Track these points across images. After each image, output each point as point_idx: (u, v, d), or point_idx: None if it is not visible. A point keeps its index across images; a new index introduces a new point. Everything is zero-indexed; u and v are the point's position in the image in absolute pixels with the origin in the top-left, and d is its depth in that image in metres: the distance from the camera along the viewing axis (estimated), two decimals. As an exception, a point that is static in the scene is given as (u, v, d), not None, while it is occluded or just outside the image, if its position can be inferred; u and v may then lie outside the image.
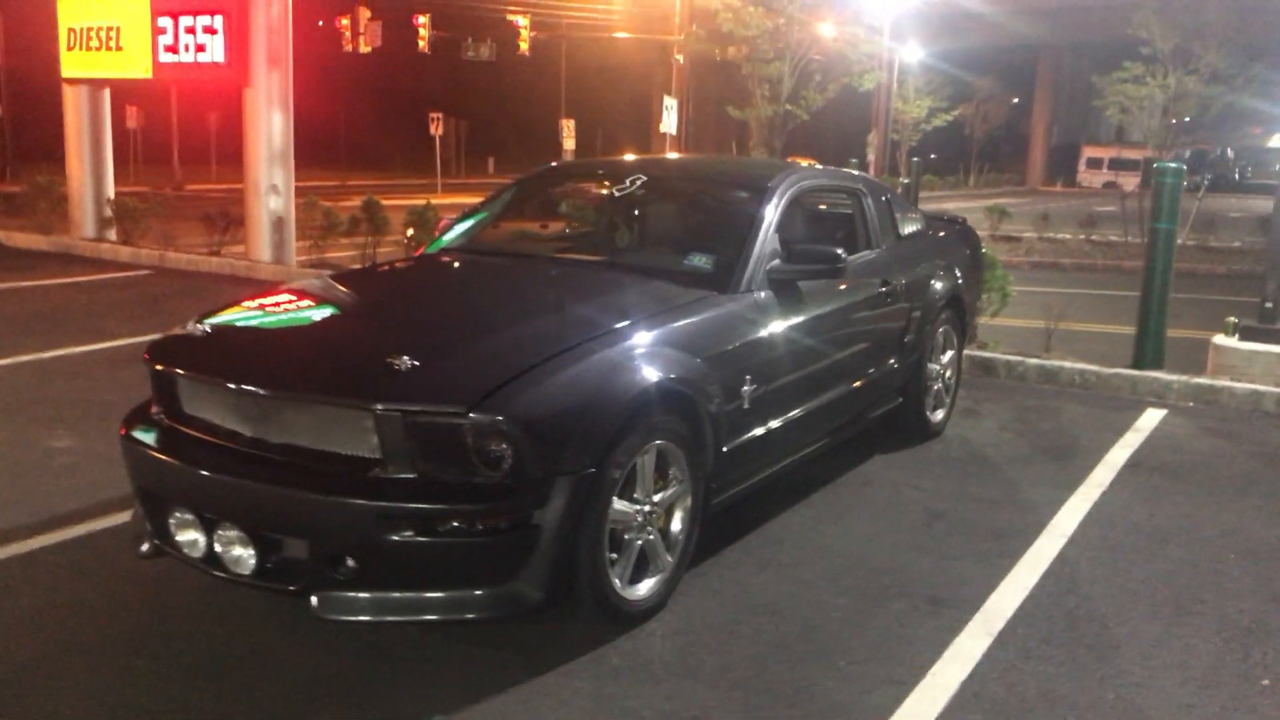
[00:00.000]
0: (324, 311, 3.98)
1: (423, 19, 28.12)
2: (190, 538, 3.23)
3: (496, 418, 2.96)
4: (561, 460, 3.05)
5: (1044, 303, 8.40)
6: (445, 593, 3.04)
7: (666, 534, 3.54)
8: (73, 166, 12.78)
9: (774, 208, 4.37)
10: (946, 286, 5.52)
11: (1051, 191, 44.11)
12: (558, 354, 3.25)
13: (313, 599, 3.00)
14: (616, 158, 5.96)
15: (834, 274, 4.28)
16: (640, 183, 4.92)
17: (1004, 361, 7.12)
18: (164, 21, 11.18)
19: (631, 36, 33.56)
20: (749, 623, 3.49)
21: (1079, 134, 53.92)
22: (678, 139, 21.29)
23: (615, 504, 3.24)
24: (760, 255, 4.15)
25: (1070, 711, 3.02)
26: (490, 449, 2.98)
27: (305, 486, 3.00)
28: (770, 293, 4.11)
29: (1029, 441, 5.70)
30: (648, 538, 3.43)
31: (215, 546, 3.16)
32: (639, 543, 3.40)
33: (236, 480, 3.10)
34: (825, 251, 4.24)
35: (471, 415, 2.95)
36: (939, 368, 5.60)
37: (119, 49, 11.71)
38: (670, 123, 20.05)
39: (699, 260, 4.23)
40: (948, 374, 5.73)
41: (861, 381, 4.84)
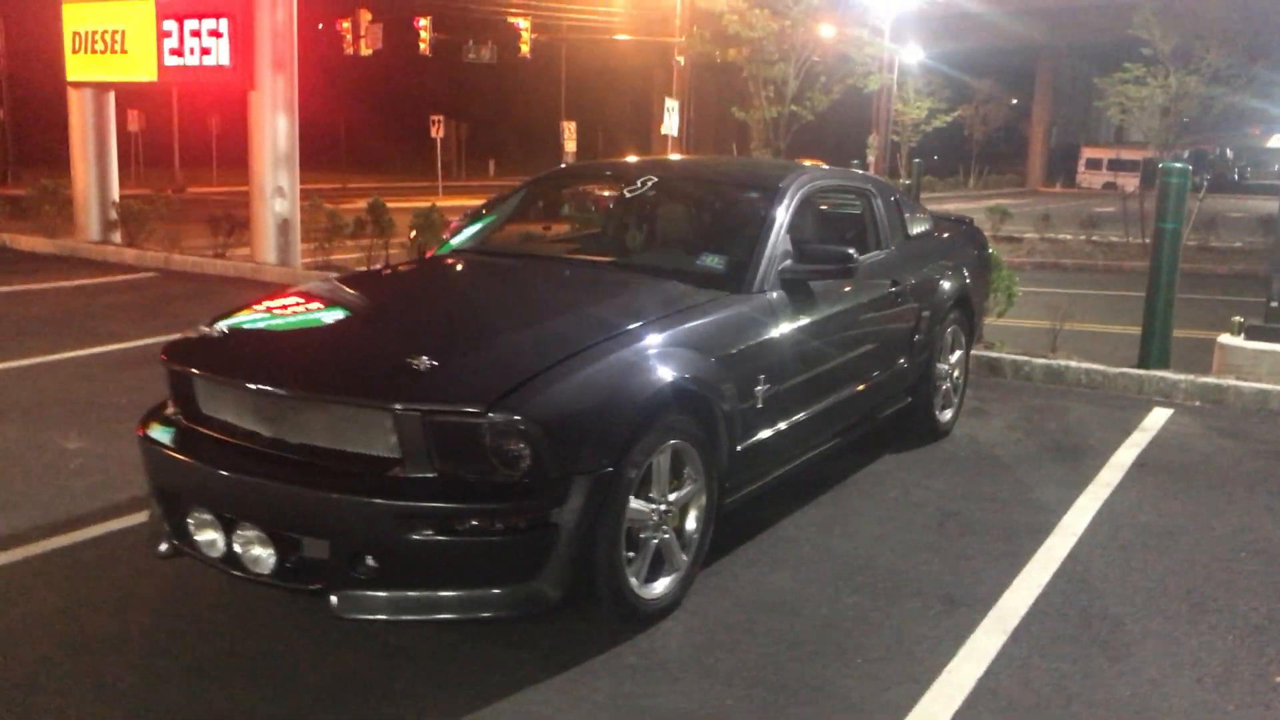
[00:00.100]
0: (340, 313, 3.99)
1: (424, 21, 28.17)
2: (209, 538, 3.25)
3: (514, 417, 2.98)
4: (579, 459, 3.07)
5: (1047, 303, 8.43)
6: (464, 591, 3.06)
7: (681, 533, 3.56)
8: (77, 170, 12.78)
9: (785, 208, 4.38)
10: (955, 286, 5.53)
11: (1051, 192, 44.10)
12: (574, 354, 3.27)
13: (332, 598, 3.01)
14: (626, 159, 5.97)
15: (846, 274, 4.29)
16: (651, 184, 4.93)
17: (1010, 361, 7.14)
18: (169, 25, 11.18)
19: (632, 39, 33.61)
20: (764, 621, 3.51)
21: (1078, 135, 54.01)
22: (679, 141, 21.33)
23: (632, 503, 3.26)
24: (773, 255, 4.17)
25: (1087, 708, 3.03)
26: (509, 448, 3.00)
27: (325, 486, 3.02)
28: (783, 293, 4.13)
29: (1037, 441, 5.72)
30: (663, 537, 3.45)
31: (234, 546, 3.18)
32: (655, 542, 3.42)
33: (256, 480, 3.12)
34: (837, 252, 4.25)
35: (490, 415, 2.97)
36: (948, 367, 5.62)
37: (124, 52, 11.72)
38: (672, 124, 20.08)
39: (712, 261, 4.25)
40: (956, 374, 5.75)
41: (872, 381, 4.86)
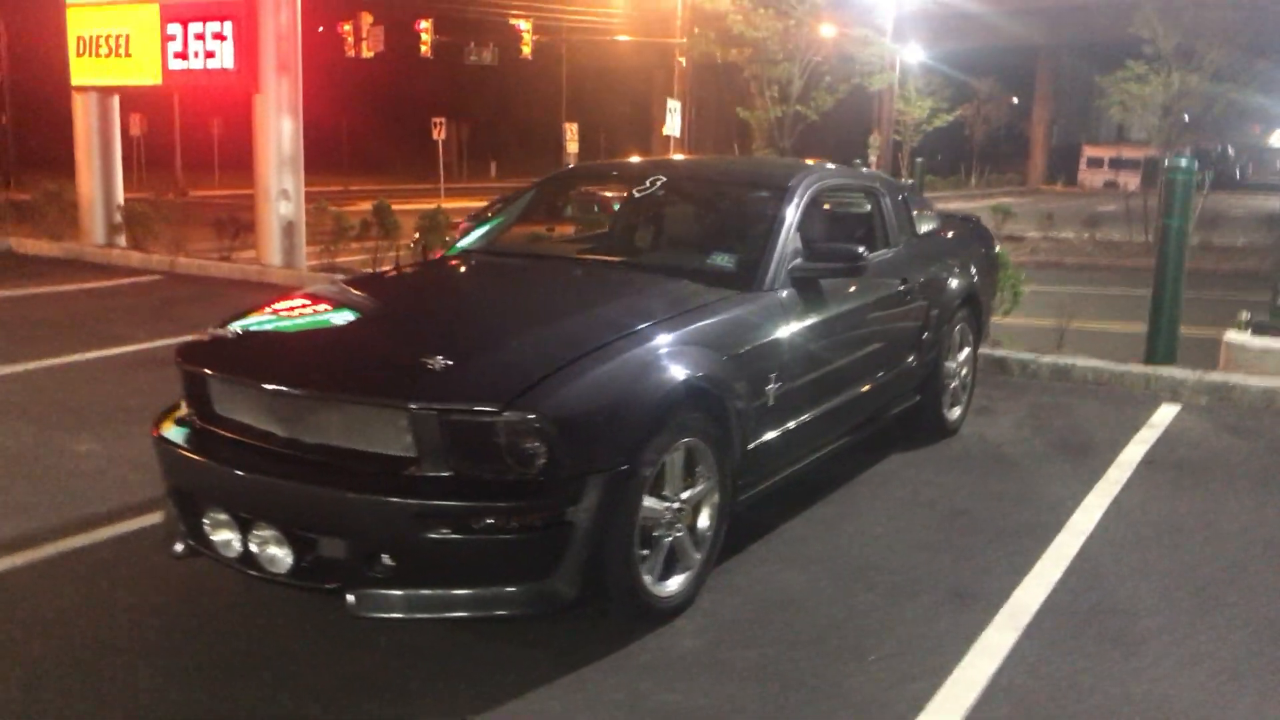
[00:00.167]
0: (353, 314, 3.99)
1: (425, 24, 28.18)
2: (225, 538, 3.26)
3: (529, 416, 2.99)
4: (594, 458, 3.09)
5: (1051, 301, 8.43)
6: (479, 590, 3.07)
7: (694, 531, 3.57)
8: (82, 173, 12.81)
9: (795, 207, 4.39)
10: (963, 285, 5.55)
11: (1052, 191, 44.08)
12: (588, 353, 3.28)
13: (349, 597, 3.02)
14: (633, 159, 5.98)
15: (855, 272, 4.30)
16: (660, 184, 4.94)
17: (1017, 359, 7.15)
18: (173, 28, 11.22)
19: (633, 40, 33.62)
20: (777, 619, 3.52)
21: (1079, 134, 53.94)
22: (681, 141, 21.35)
23: (645, 501, 3.27)
24: (783, 254, 4.18)
25: (1101, 704, 3.04)
26: (524, 447, 3.01)
27: (342, 485, 3.03)
28: (793, 291, 4.14)
29: (1045, 439, 5.73)
30: (677, 535, 3.46)
31: (250, 546, 3.19)
32: (668, 540, 3.43)
33: (272, 480, 3.14)
34: (847, 250, 4.26)
35: (505, 414, 2.98)
36: (956, 366, 5.63)
37: (128, 56, 11.75)
38: (674, 125, 20.11)
39: (722, 259, 4.26)
40: (964, 372, 5.76)
41: (881, 379, 4.86)
